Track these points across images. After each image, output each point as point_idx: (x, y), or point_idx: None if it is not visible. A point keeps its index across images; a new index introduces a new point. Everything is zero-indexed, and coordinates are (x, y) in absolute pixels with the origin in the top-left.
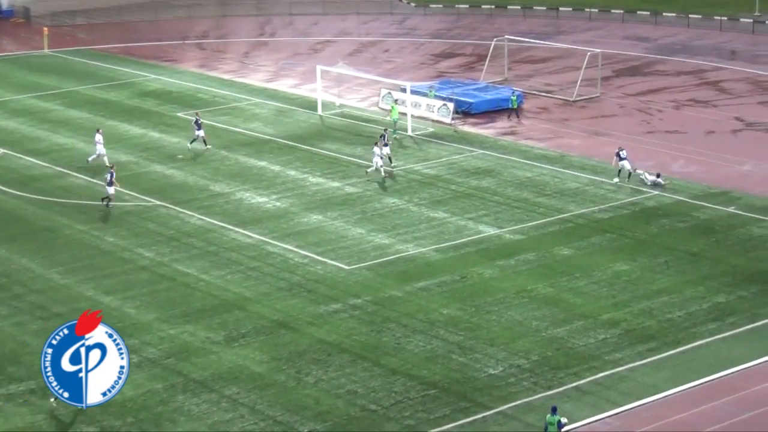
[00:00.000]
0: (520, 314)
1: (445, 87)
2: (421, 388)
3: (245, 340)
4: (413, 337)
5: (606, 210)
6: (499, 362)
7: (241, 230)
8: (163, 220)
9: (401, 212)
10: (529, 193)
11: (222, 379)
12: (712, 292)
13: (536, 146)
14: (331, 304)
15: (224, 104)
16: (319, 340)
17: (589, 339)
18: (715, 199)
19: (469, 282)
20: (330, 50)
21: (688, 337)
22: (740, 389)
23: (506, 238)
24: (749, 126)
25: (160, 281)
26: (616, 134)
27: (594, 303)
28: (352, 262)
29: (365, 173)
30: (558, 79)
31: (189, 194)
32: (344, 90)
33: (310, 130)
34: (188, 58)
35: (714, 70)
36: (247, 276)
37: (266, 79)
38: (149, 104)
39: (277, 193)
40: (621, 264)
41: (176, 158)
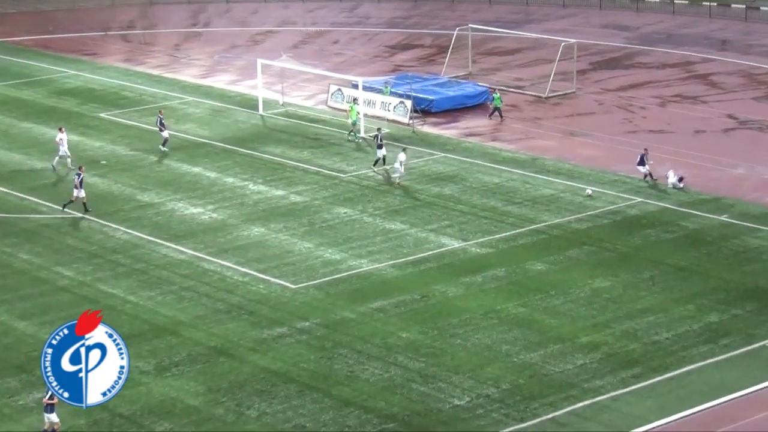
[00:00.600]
0: (489, 337)
1: (402, 82)
2: (377, 422)
3: (179, 369)
4: (368, 365)
5: (583, 219)
6: (466, 392)
7: (173, 245)
8: (84, 235)
9: (354, 224)
10: (498, 201)
11: (153, 414)
12: (704, 310)
13: (505, 148)
14: (275, 328)
15: (153, 103)
16: (263, 369)
17: (567, 364)
18: (706, 207)
19: (431, 302)
20: (272, 42)
21: (677, 362)
22: (736, 419)
23: (472, 251)
24: (743, 124)
25: (82, 303)
26: (594, 134)
27: (571, 324)
28: (298, 281)
29: (396, 183)
30: (528, 73)
31: (114, 205)
32: (288, 87)
33: (250, 132)
34: (112, 51)
35: (703, 62)
36: (180, 297)
37: (200, 75)
38: (68, 104)
39: (213, 203)
40: (601, 280)
41: (99, 164)
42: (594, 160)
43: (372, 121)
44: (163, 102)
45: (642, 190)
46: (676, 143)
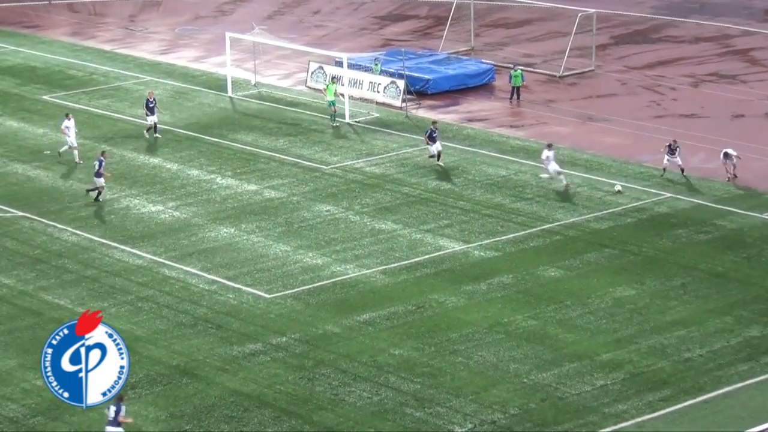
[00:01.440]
0: (495, 355)
1: (393, 59)
2: None
3: (136, 392)
4: (355, 386)
5: (604, 218)
6: (468, 417)
7: (129, 249)
8: (25, 236)
9: (338, 223)
10: (505, 197)
11: None
12: (743, 323)
13: (513, 136)
14: (247, 344)
15: (104, 84)
16: (233, 391)
17: (585, 386)
18: (746, 203)
19: (428, 313)
20: (242, 12)
21: (712, 382)
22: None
23: (475, 255)
24: None
25: (23, 316)
26: (617, 119)
27: (590, 339)
28: (274, 289)
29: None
30: (540, 48)
31: (60, 202)
32: (262, 64)
33: (217, 117)
34: (57, 23)
35: (742, 35)
36: (136, 308)
37: (159, 51)
38: (5, 84)
39: (175, 200)
40: (624, 288)
41: (42, 155)
42: (616, 149)
43: (359, 105)
44: (116, 83)
45: (671, 183)
46: (711, 130)
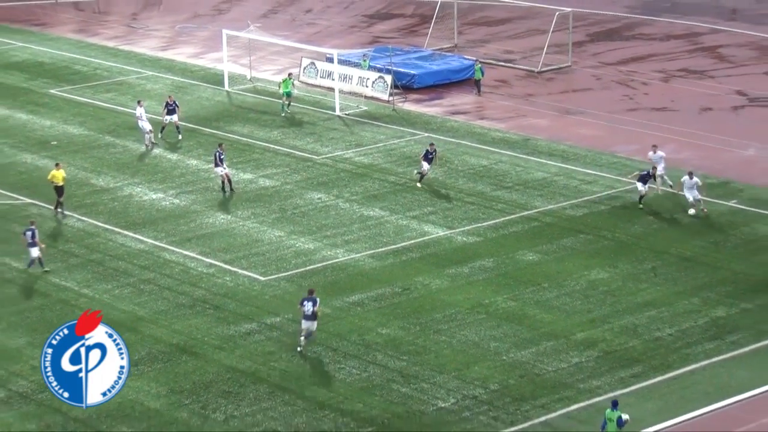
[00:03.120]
0: (476, 334)
1: (381, 56)
2: (355, 426)
3: (138, 369)
4: (345, 364)
5: (579, 205)
6: (451, 393)
7: (132, 234)
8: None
9: (329, 210)
10: (486, 186)
11: (110, 418)
12: (710, 304)
13: (494, 128)
14: (243, 324)
15: (108, 78)
16: (229, 368)
17: (561, 363)
18: (713, 192)
19: (413, 295)
20: (238, 11)
21: (681, 360)
22: (744, 422)
23: (458, 240)
24: (753, 101)
25: (32, 298)
26: (592, 112)
27: (566, 319)
28: (268, 272)
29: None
30: (520, 45)
31: (66, 190)
32: (257, 60)
33: (215, 110)
34: (63, 21)
35: (711, 32)
36: (139, 290)
37: (160, 47)
38: (15, 79)
39: (175, 188)
40: (598, 271)
41: (50, 145)
42: (591, 140)
43: (349, 98)
44: (119, 77)
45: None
46: (680, 122)
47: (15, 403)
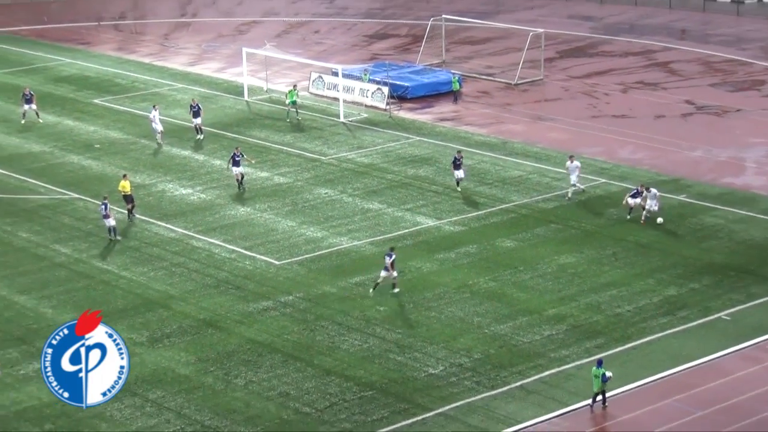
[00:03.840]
0: (461, 310)
1: (379, 70)
2: (357, 390)
3: (170, 340)
4: (348, 336)
5: (550, 199)
6: (440, 361)
7: (164, 224)
8: (80, 214)
9: (334, 203)
10: (470, 182)
11: (146, 383)
12: (663, 284)
13: (477, 132)
14: (260, 302)
15: (144, 90)
16: (249, 340)
17: (534, 335)
18: (665, 187)
19: (407, 277)
20: (256, 31)
21: (638, 333)
22: (693, 387)
23: (445, 229)
24: (700, 109)
25: (78, 279)
26: (561, 119)
27: (539, 298)
28: (282, 257)
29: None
30: (499, 61)
31: (108, 186)
32: (272, 74)
33: (236, 117)
34: (105, 40)
35: (663, 50)
36: (171, 272)
37: (188, 63)
38: (64, 90)
39: (201, 184)
40: (567, 256)
41: (93, 148)
42: (560, 143)
43: (351, 107)
44: (153, 89)
45: (605, 171)
46: (637, 127)
47: None
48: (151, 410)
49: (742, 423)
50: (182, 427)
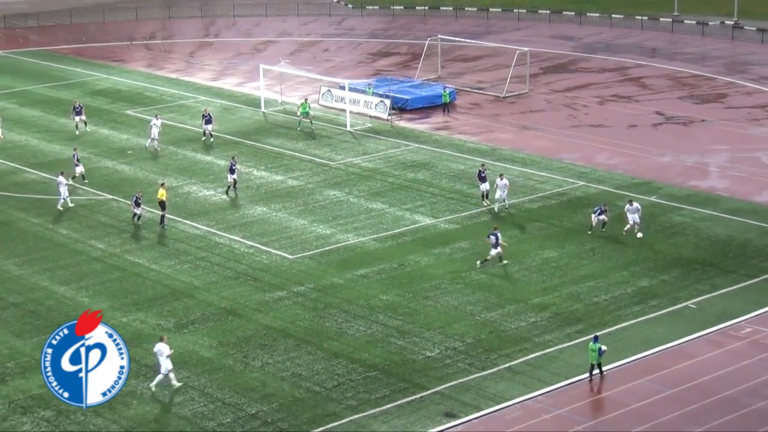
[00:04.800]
0: (455, 299)
1: (382, 84)
2: (362, 371)
3: (194, 326)
4: (354, 322)
5: (535, 200)
6: (436, 345)
7: (189, 222)
8: (114, 213)
9: (341, 204)
10: (463, 185)
11: (173, 364)
12: (636, 276)
13: (469, 140)
14: (275, 292)
15: (171, 102)
16: (265, 326)
17: (521, 322)
18: (638, 189)
19: (407, 269)
20: (272, 50)
21: (614, 320)
22: (663, 368)
23: (441, 227)
24: (669, 120)
25: (112, 271)
26: (544, 128)
27: (525, 288)
28: (295, 252)
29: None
30: (489, 76)
31: (139, 188)
32: (286, 88)
33: (253, 126)
34: (136, 58)
35: (636, 67)
36: (195, 265)
37: (211, 78)
38: (99, 102)
39: (223, 187)
40: (550, 251)
41: (126, 154)
42: (544, 150)
43: (356, 117)
44: (179, 101)
45: (584, 175)
46: (613, 136)
47: None
48: (177, 389)
49: (707, 400)
50: (205, 404)
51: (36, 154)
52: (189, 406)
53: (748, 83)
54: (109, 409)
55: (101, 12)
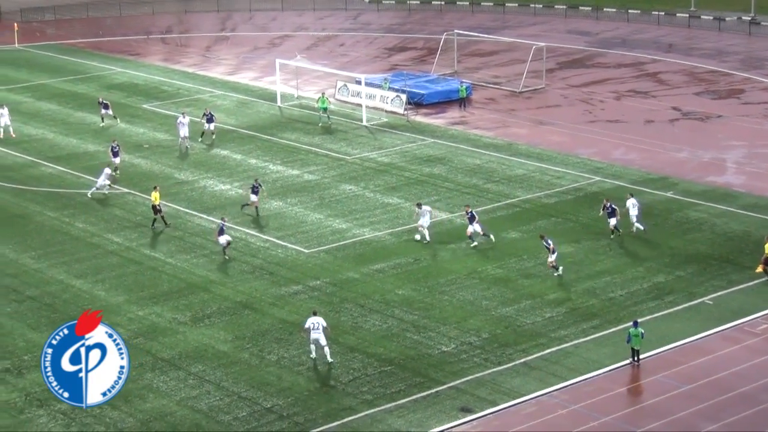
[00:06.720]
0: (471, 294)
1: (398, 79)
2: (377, 365)
3: (210, 320)
4: (370, 317)
5: (551, 195)
6: (452, 340)
7: (205, 216)
8: (130, 207)
9: (357, 198)
10: (479, 180)
11: (189, 358)
12: (652, 272)
13: (485, 135)
14: (291, 286)
15: (188, 96)
16: (281, 320)
17: (536, 317)
18: (654, 185)
19: (423, 264)
20: (288, 44)
21: (630, 315)
22: (678, 364)
23: (457, 222)
24: (685, 115)
25: (129, 265)
26: (561, 123)
27: (541, 283)
28: (311, 246)
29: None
30: (505, 71)
31: (155, 182)
32: (302, 82)
33: (270, 121)
34: (153, 52)
35: (652, 62)
36: (211, 259)
37: (228, 72)
38: (116, 96)
39: (239, 181)
40: (566, 246)
41: (143, 147)
42: (560, 145)
43: (373, 112)
44: (196, 95)
45: (600, 170)
46: (629, 131)
47: None
48: (193, 382)
49: (723, 397)
50: (221, 397)
51: (53, 147)
52: (205, 400)
53: (765, 79)
54: (126, 402)
55: (118, 6)
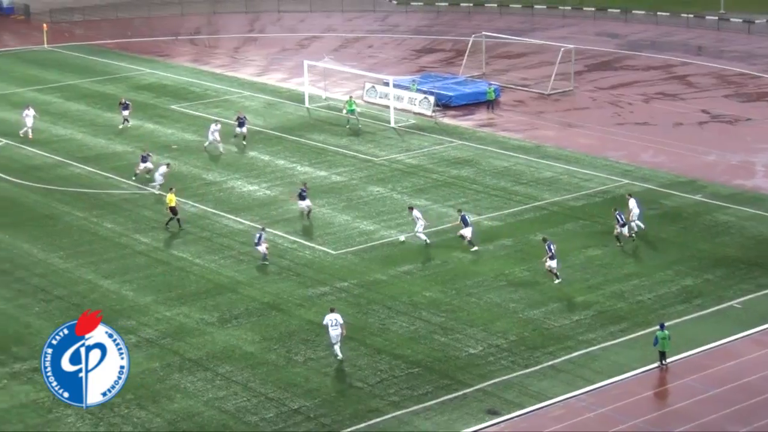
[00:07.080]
0: (499, 297)
1: (426, 81)
2: (405, 367)
3: (238, 321)
4: (397, 319)
5: (579, 198)
6: (479, 342)
7: (233, 217)
8: (158, 208)
9: (385, 200)
10: (507, 182)
11: (216, 358)
12: (680, 275)
13: (513, 137)
14: (318, 287)
15: (216, 97)
16: (308, 321)
17: (564, 320)
18: (683, 188)
19: (450, 266)
20: (316, 46)
21: (658, 319)
22: (707, 367)
23: (485, 224)
24: (714, 118)
25: (157, 265)
26: (589, 126)
27: (568, 286)
28: (338, 247)
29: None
30: (533, 73)
31: (183, 183)
32: (330, 84)
33: (297, 122)
34: (181, 53)
35: (681, 65)
36: (239, 260)
37: (256, 73)
38: (144, 97)
39: (267, 182)
40: (594, 249)
41: (171, 148)
42: (588, 147)
43: (400, 114)
44: (224, 96)
45: (629, 173)
46: (658, 134)
47: (143, 347)
48: (220, 383)
49: (752, 400)
50: (248, 398)
51: (81, 148)
52: (232, 401)
53: None
54: (153, 402)
55: (146, 7)
